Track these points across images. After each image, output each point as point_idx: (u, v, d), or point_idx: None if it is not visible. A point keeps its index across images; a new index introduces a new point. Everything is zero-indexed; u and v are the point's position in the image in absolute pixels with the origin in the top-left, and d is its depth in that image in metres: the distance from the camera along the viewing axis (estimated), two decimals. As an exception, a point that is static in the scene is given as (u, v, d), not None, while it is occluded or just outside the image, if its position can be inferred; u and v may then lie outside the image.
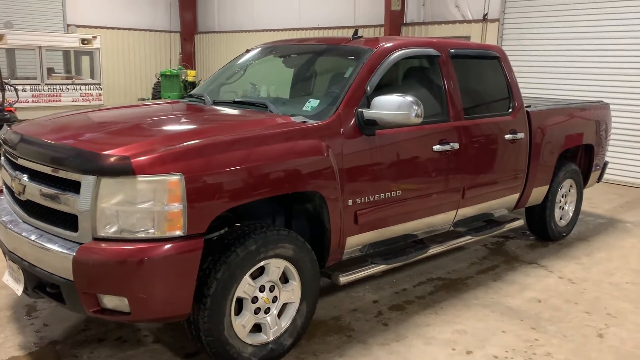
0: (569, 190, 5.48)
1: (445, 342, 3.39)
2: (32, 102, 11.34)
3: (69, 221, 2.63)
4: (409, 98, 3.23)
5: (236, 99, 3.75)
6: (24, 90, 10.83)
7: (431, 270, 4.56)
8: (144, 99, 15.44)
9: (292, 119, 3.22)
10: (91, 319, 3.48)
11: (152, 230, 2.52)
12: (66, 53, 12.70)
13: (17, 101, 9.16)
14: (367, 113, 3.30)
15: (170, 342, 3.29)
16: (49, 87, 11.62)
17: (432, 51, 3.95)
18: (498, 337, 3.47)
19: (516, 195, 4.71)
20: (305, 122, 3.18)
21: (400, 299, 3.98)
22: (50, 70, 12.06)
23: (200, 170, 2.59)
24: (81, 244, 2.56)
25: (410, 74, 4.04)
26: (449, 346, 3.34)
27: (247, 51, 4.51)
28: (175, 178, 2.51)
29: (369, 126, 3.34)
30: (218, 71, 4.51)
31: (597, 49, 8.34)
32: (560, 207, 5.39)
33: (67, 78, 12.24)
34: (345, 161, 3.22)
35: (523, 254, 5.02)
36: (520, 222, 4.94)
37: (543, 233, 5.33)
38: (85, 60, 12.83)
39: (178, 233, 2.55)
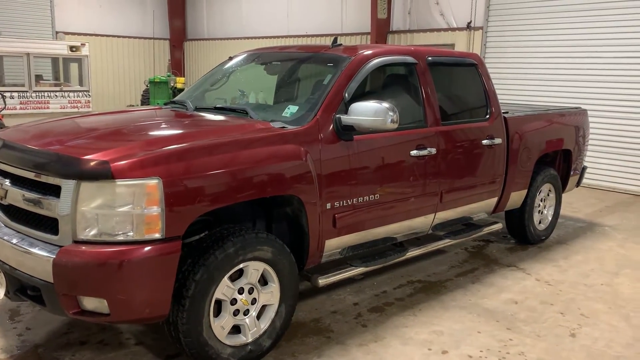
0: (548, 195, 5.59)
1: (421, 342, 3.47)
2: (20, 109, 11.36)
3: (50, 225, 2.69)
4: (385, 104, 3.32)
5: (217, 105, 3.82)
6: (11, 97, 10.86)
7: (412, 273, 4.64)
8: (132, 106, 15.46)
9: (271, 124, 3.29)
10: (74, 323, 3.52)
11: (131, 233, 2.58)
12: (55, 60, 12.75)
13: (4, 108, 9.18)
14: (345, 119, 3.38)
15: (152, 345, 3.34)
16: (37, 94, 11.65)
17: (409, 59, 4.05)
18: (473, 338, 3.55)
19: (494, 200, 4.81)
20: (283, 127, 3.26)
21: (380, 301, 4.06)
22: (39, 77, 12.09)
23: (178, 174, 2.65)
24: (61, 247, 2.61)
25: (389, 81, 4.14)
26: (425, 346, 3.42)
27: (230, 58, 4.59)
28: (153, 182, 2.58)
29: (346, 132, 3.42)
30: (201, 78, 4.58)
31: (577, 55, 8.52)
32: (539, 211, 5.50)
33: (56, 85, 12.28)
34: (324, 166, 3.30)
35: (502, 257, 5.12)
36: (499, 226, 5.04)
37: (522, 236, 5.43)
38: (73, 67, 12.88)
39: (156, 236, 2.61)
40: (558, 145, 5.49)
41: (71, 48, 12.20)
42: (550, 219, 5.64)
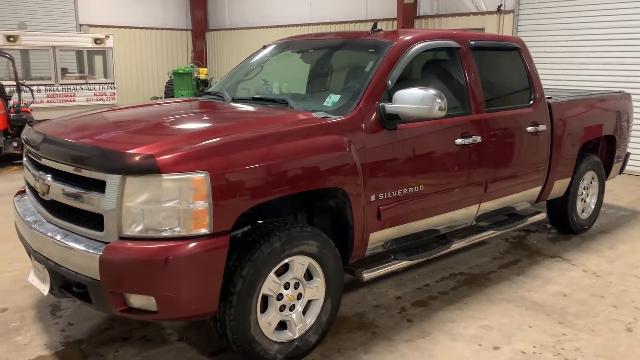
0: (591, 183, 5.39)
1: (471, 338, 3.35)
2: (47, 102, 11.43)
3: (94, 220, 2.62)
4: (432, 91, 3.18)
5: (256, 96, 3.72)
6: (38, 90, 10.91)
7: (453, 265, 4.52)
8: (157, 98, 15.49)
9: (314, 114, 3.19)
10: (115, 318, 3.48)
11: (178, 229, 2.51)
12: (79, 53, 12.79)
13: (32, 102, 9.22)
14: (389, 107, 3.26)
15: (195, 340, 3.29)
16: (63, 87, 11.71)
17: (452, 43, 3.89)
18: (524, 333, 3.42)
19: (538, 188, 4.64)
20: (326, 117, 3.15)
21: (423, 295, 3.95)
22: (64, 71, 12.14)
23: (225, 168, 2.57)
24: (107, 243, 2.55)
25: (431, 67, 3.99)
26: (475, 342, 3.30)
27: (264, 47, 4.48)
28: (200, 176, 2.50)
29: (390, 120, 3.29)
30: (235, 68, 4.48)
31: (614, 37, 8.21)
32: (582, 199, 5.31)
33: (81, 78, 12.33)
34: (368, 156, 3.18)
35: (545, 248, 4.96)
36: (542, 216, 4.87)
37: (565, 226, 5.26)
38: (98, 60, 12.92)
39: (204, 231, 2.53)
40: (602, 131, 5.28)
41: (95, 40, 12.21)
42: (593, 207, 5.45)
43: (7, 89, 8.72)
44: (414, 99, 3.18)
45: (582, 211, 5.34)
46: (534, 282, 4.18)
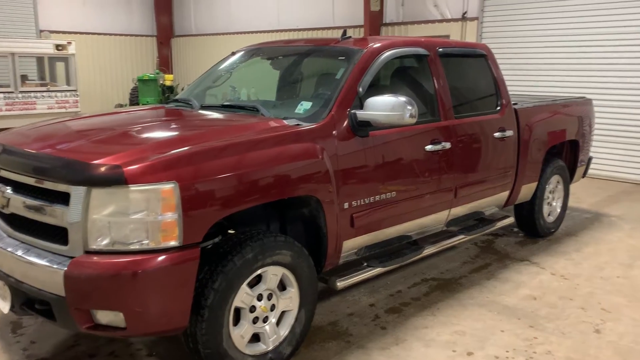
0: (556, 186, 5.51)
1: (445, 343, 3.35)
2: (6, 110, 11.05)
3: (58, 234, 2.52)
4: (403, 98, 3.19)
5: (225, 103, 3.66)
6: (-4, 98, 10.56)
7: (424, 270, 4.53)
8: (121, 105, 15.17)
9: (285, 122, 3.15)
10: (81, 334, 3.35)
11: (146, 242, 2.43)
12: (40, 59, 12.44)
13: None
14: (361, 114, 3.25)
15: (165, 355, 3.19)
16: (23, 94, 11.35)
17: (421, 50, 3.92)
18: (497, 337, 3.44)
19: (506, 193, 4.71)
20: (298, 125, 3.12)
21: (396, 302, 3.94)
22: (24, 78, 11.77)
23: (194, 178, 2.50)
24: (72, 257, 2.45)
25: (401, 74, 4.01)
26: (449, 348, 3.31)
27: (233, 53, 4.42)
28: (169, 186, 2.43)
29: (362, 127, 3.29)
30: (203, 75, 4.41)
31: (577, 44, 8.42)
32: (549, 203, 5.41)
33: (42, 85, 11.97)
34: (340, 163, 3.16)
35: (514, 252, 5.03)
36: (510, 220, 4.95)
37: (532, 230, 5.35)
38: (60, 67, 12.57)
39: (173, 243, 2.46)
40: (566, 135, 5.40)
41: (57, 47, 11.89)
42: (559, 211, 5.56)
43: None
44: (385, 106, 3.18)
45: (549, 214, 5.44)
46: (505, 286, 4.23)
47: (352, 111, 3.27)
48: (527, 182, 4.91)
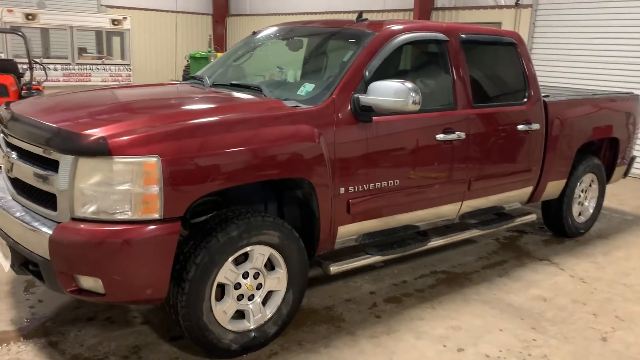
0: (590, 186, 5.22)
1: (437, 337, 3.28)
2: (63, 81, 11.58)
3: (50, 200, 2.63)
4: (407, 84, 3.09)
5: (232, 82, 3.67)
6: (55, 69, 11.06)
7: (436, 263, 4.43)
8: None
9: (284, 103, 3.13)
10: (84, 298, 3.50)
11: (129, 213, 2.50)
12: (98, 33, 12.91)
13: (45, 80, 9.34)
14: (363, 99, 3.18)
15: (158, 325, 3.29)
16: (80, 66, 11.85)
17: (439, 36, 3.78)
18: (493, 335, 3.33)
19: (529, 189, 4.51)
20: (296, 106, 3.09)
21: (399, 291, 3.88)
22: (82, 50, 12.28)
23: (178, 153, 2.54)
24: (59, 223, 2.55)
25: (416, 59, 3.90)
26: (440, 342, 3.23)
27: (254, 33, 4.43)
28: (152, 160, 2.47)
29: (365, 112, 3.22)
30: (225, 53, 4.44)
31: (636, 37, 7.89)
32: (580, 202, 5.15)
33: (98, 58, 12.44)
34: (338, 148, 3.12)
35: (535, 250, 4.83)
36: (532, 217, 4.73)
37: (559, 229, 5.11)
38: (116, 41, 13.02)
39: (155, 216, 2.51)
40: (605, 132, 5.10)
41: (113, 21, 12.30)
42: (591, 211, 5.28)
43: (21, 67, 8.85)
44: (388, 91, 3.10)
45: (579, 214, 5.18)
46: (515, 285, 4.08)
47: (355, 95, 3.20)
48: (555, 178, 4.68)
